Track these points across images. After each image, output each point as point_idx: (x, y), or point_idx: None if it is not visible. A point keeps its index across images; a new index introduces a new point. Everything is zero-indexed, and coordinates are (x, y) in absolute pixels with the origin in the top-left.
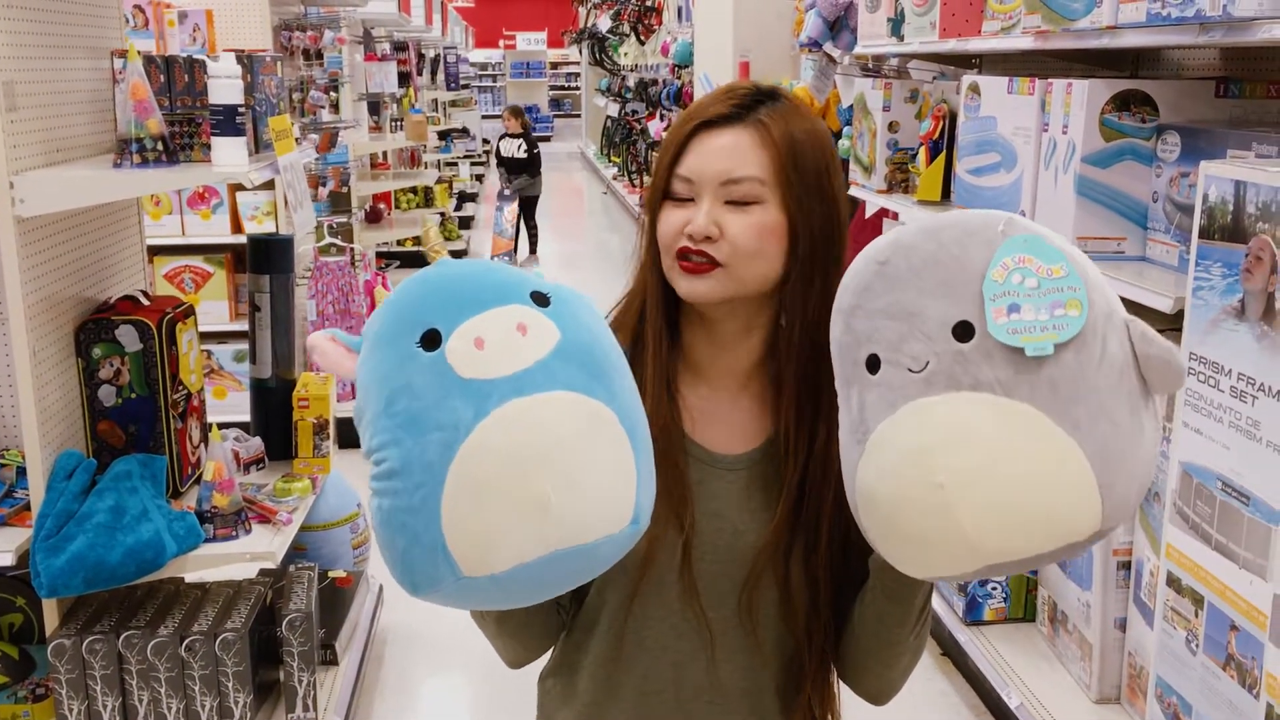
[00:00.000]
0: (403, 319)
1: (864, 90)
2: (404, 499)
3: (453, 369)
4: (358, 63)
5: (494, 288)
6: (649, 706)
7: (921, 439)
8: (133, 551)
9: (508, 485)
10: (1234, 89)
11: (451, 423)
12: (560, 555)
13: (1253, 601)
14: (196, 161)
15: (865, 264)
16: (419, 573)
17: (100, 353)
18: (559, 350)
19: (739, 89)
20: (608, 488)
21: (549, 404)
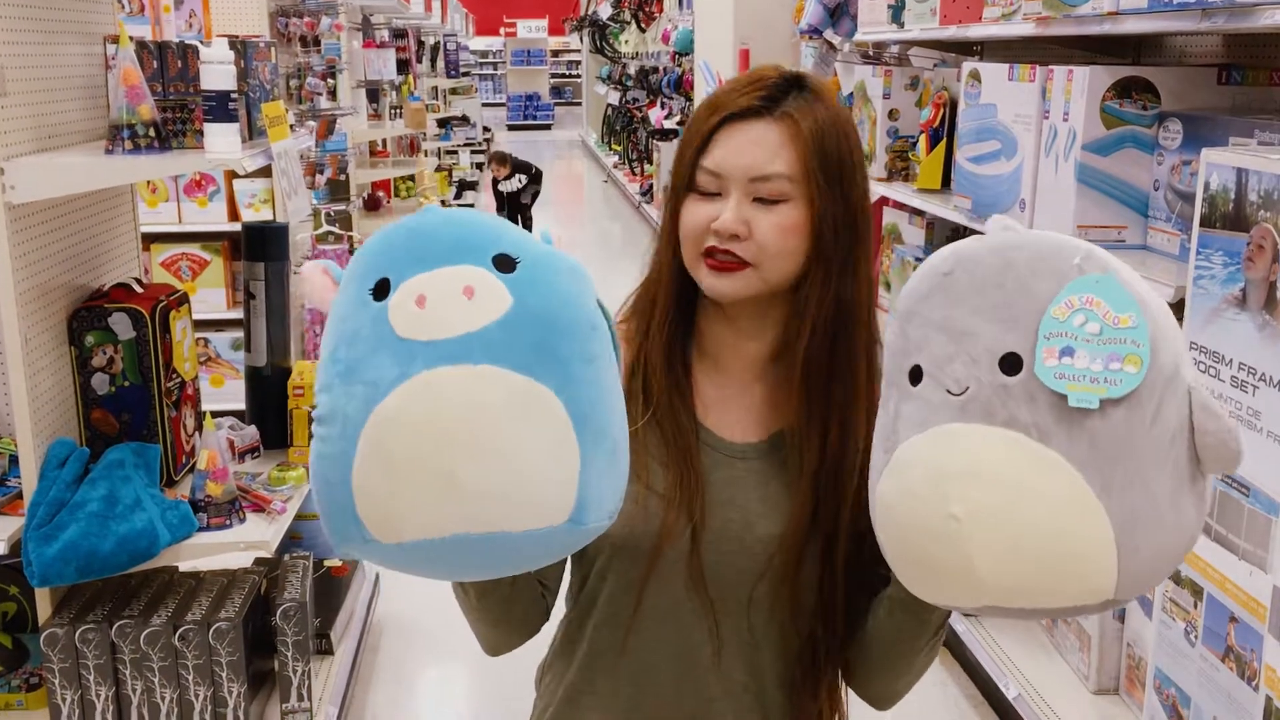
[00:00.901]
0: (366, 263)
1: (864, 78)
2: (326, 447)
3: (390, 324)
4: (356, 49)
5: (454, 243)
6: (648, 696)
7: (945, 465)
8: (126, 540)
9: (416, 455)
10: (1236, 76)
11: (375, 379)
12: (474, 539)
13: (1252, 593)
14: (189, 148)
15: (929, 271)
16: (334, 527)
17: (93, 341)
18: (506, 321)
19: (766, 78)
20: (534, 476)
21: (476, 377)
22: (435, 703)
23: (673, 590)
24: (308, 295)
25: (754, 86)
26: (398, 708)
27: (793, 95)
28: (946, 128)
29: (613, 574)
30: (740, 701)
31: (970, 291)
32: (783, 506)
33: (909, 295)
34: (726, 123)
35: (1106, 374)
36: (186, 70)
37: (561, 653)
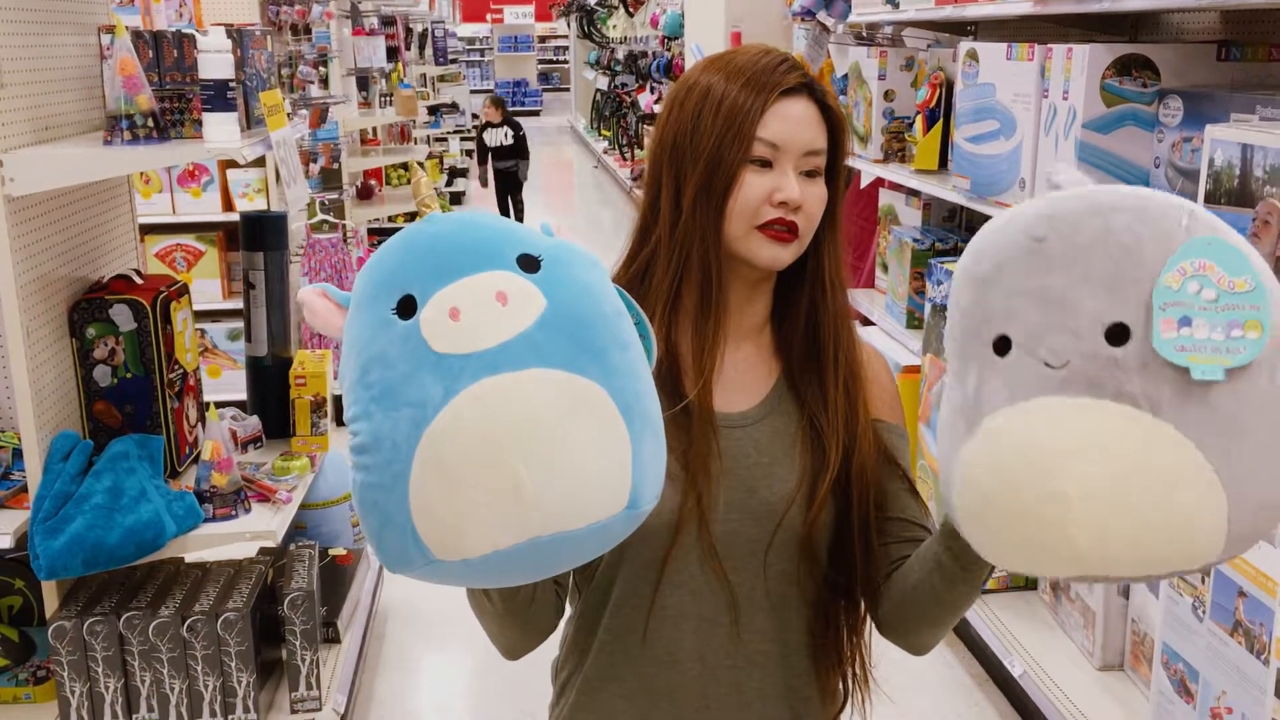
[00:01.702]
0: (382, 281)
1: (859, 59)
2: (375, 475)
3: (425, 341)
4: (346, 37)
5: (476, 250)
6: (670, 678)
7: (1047, 440)
8: (132, 532)
9: (478, 470)
10: (1235, 52)
11: (420, 400)
12: (543, 542)
13: (1261, 568)
14: (188, 138)
15: (1014, 234)
16: (392, 553)
17: (94, 333)
18: (543, 321)
19: (785, 58)
20: (595, 471)
21: (526, 382)
22: (441, 688)
23: (688, 568)
24: (310, 322)
25: (787, 65)
26: (405, 694)
27: (808, 76)
28: (943, 108)
29: (627, 561)
30: (763, 670)
31: (1068, 259)
32: (787, 466)
33: (986, 258)
34: (781, 97)
35: (1228, 343)
36: (182, 60)
37: (576, 645)
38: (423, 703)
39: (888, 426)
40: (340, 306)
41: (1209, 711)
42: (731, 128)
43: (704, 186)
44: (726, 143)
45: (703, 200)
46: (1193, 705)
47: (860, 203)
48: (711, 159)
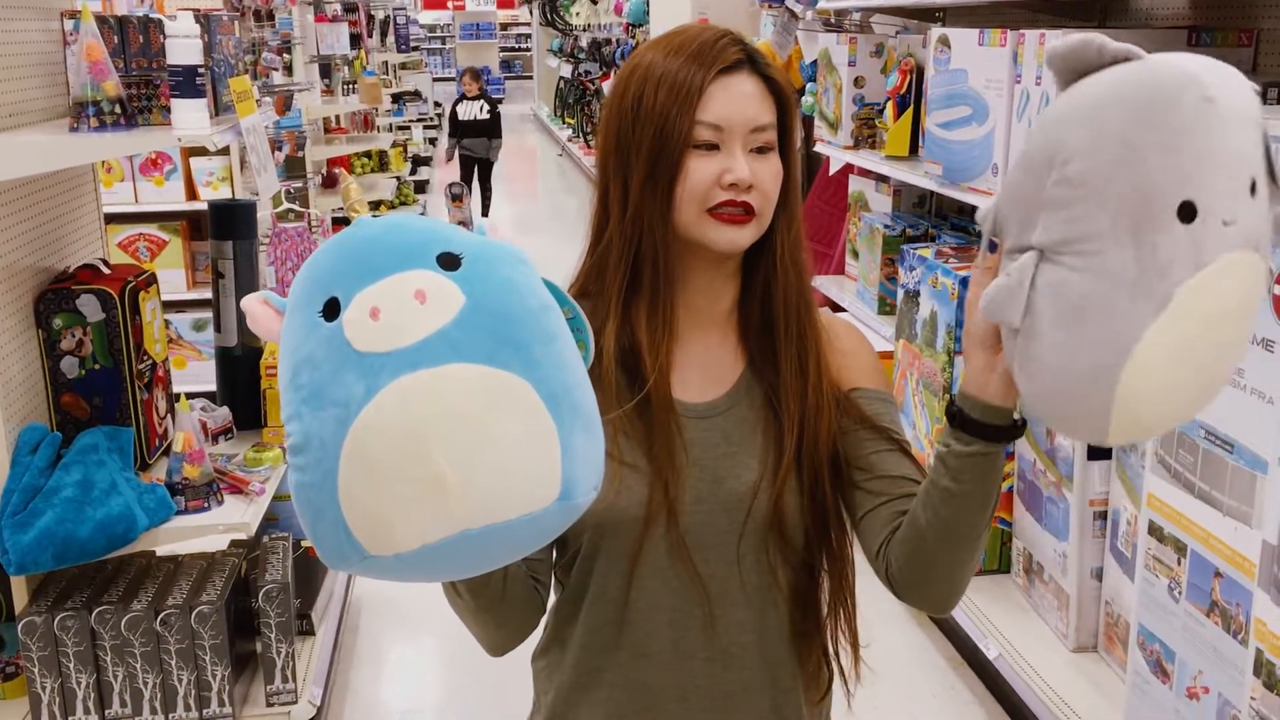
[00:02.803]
0: (310, 285)
1: (828, 46)
2: (308, 475)
3: (348, 341)
4: (309, 24)
5: (396, 251)
6: (646, 671)
7: (1230, 298)
8: (103, 525)
9: (400, 465)
10: (1205, 37)
11: (344, 399)
12: (473, 535)
13: (1237, 548)
14: (156, 125)
15: (1180, 98)
16: (329, 549)
17: (61, 323)
18: (462, 318)
19: (724, 33)
20: (519, 462)
21: (444, 377)
22: (416, 679)
23: (659, 561)
24: (252, 329)
25: (726, 41)
26: (380, 685)
27: (749, 50)
28: (914, 94)
29: (601, 555)
30: (741, 662)
31: (1235, 119)
32: (753, 453)
33: (1168, 128)
34: (719, 76)
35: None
36: (149, 45)
37: (556, 638)
38: (398, 694)
39: (868, 393)
40: (279, 312)
41: (1185, 691)
42: (671, 114)
43: (649, 176)
44: (667, 130)
45: (649, 190)
46: (1169, 685)
47: (830, 189)
48: (654, 148)
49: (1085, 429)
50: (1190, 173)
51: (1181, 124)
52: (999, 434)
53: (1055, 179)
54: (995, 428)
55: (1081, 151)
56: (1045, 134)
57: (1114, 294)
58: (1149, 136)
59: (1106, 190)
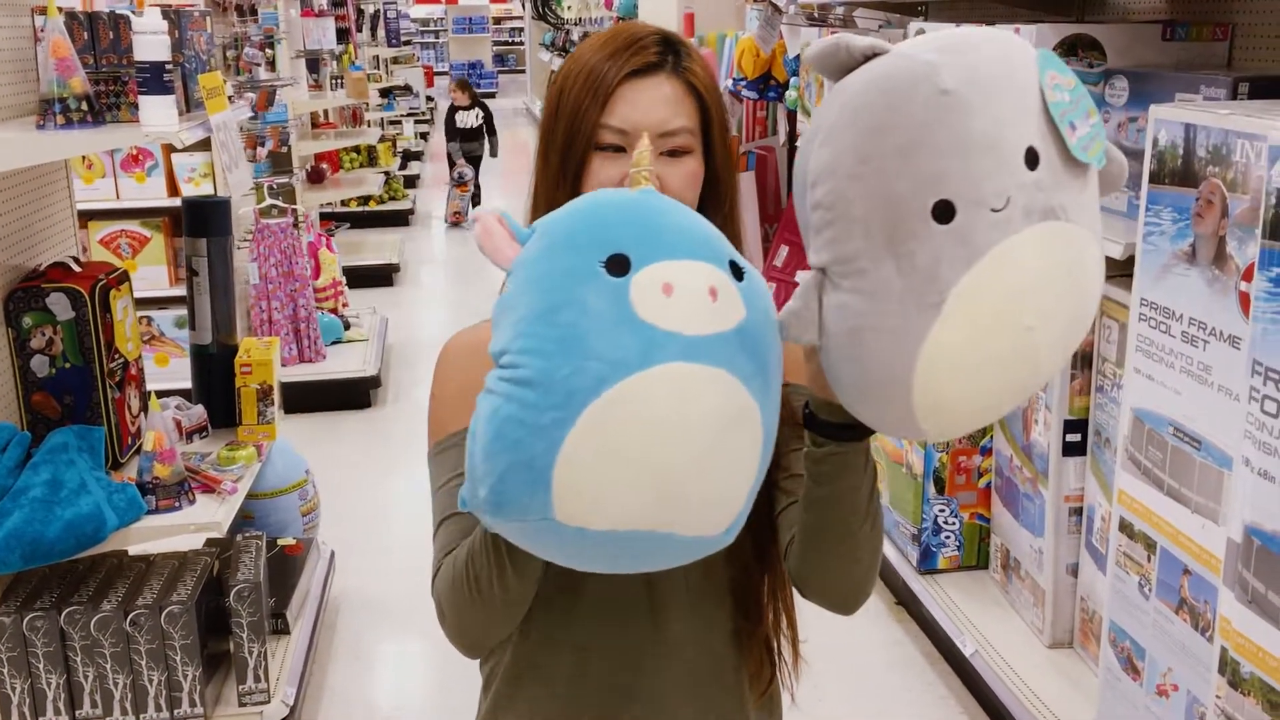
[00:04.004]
0: (593, 231)
1: (810, 40)
2: (530, 414)
3: (632, 305)
4: (294, 18)
5: (698, 239)
6: (590, 667)
7: (1014, 282)
8: (72, 525)
9: (644, 449)
10: (1180, 32)
11: (615, 358)
12: (652, 536)
13: (1205, 545)
14: (124, 121)
15: (912, 94)
16: (510, 496)
17: (31, 322)
18: (741, 330)
19: (646, 34)
20: (726, 488)
21: (712, 381)
22: (394, 678)
23: None
24: (481, 242)
25: (646, 41)
26: (357, 685)
27: (675, 50)
28: None
29: None
30: (685, 653)
31: (978, 101)
32: None
33: (897, 130)
34: (626, 79)
35: (1092, 130)
36: (119, 41)
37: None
38: (375, 692)
39: (796, 389)
40: (514, 239)
41: (1155, 688)
42: (580, 115)
43: (560, 174)
44: (576, 130)
45: (560, 188)
46: (1139, 682)
47: None
48: (564, 146)
49: (905, 432)
50: (938, 171)
51: (918, 123)
52: (847, 433)
53: (810, 202)
54: (842, 427)
55: (824, 172)
56: (801, 152)
57: (885, 310)
58: (884, 144)
59: (851, 210)
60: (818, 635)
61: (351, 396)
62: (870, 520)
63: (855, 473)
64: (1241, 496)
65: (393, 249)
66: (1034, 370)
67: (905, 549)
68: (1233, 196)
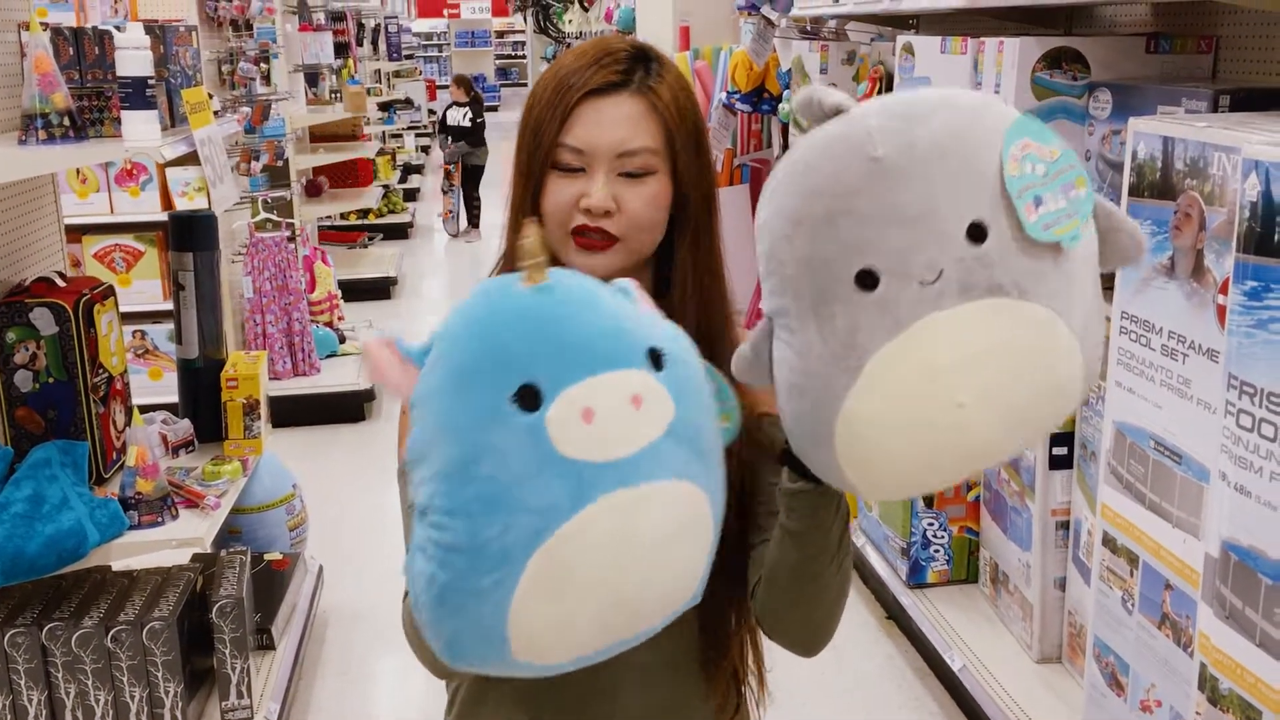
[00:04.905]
0: (495, 357)
1: (801, 53)
2: (469, 581)
3: (552, 442)
4: (291, 33)
5: (611, 340)
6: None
7: (943, 358)
8: (53, 541)
9: (597, 583)
10: (1164, 44)
11: (545, 506)
12: (626, 641)
13: (1186, 560)
14: (107, 136)
15: (846, 161)
16: (465, 651)
17: (14, 337)
18: (671, 430)
19: (616, 50)
20: (686, 577)
21: (656, 496)
22: (381, 694)
23: None
24: (371, 375)
25: (609, 59)
26: (343, 700)
27: (646, 67)
28: None
29: None
30: (650, 677)
31: (913, 170)
32: None
33: (824, 195)
34: (587, 98)
35: (1071, 205)
36: (104, 57)
37: None
38: (361, 707)
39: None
40: (408, 362)
41: (1139, 704)
42: (540, 133)
43: (523, 190)
44: (536, 147)
45: (522, 204)
46: (1123, 698)
47: None
48: (525, 166)
49: (844, 487)
50: (864, 239)
51: (848, 190)
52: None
53: (757, 252)
54: None
55: (763, 228)
56: (760, 205)
57: (811, 368)
58: (815, 208)
59: (783, 269)
60: None
61: (345, 410)
62: (837, 563)
63: (826, 512)
64: (1219, 511)
65: (390, 262)
66: (970, 448)
67: (895, 563)
68: (1210, 209)
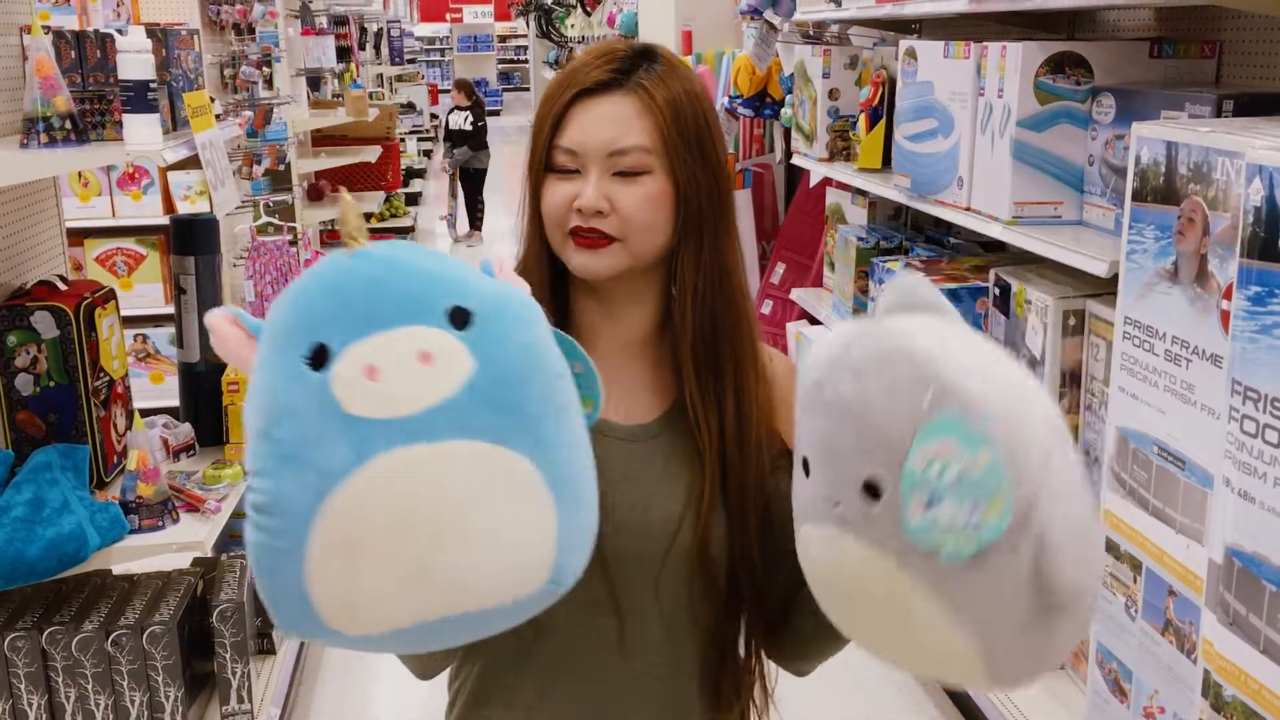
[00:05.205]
0: (297, 322)
1: (804, 58)
2: (271, 538)
3: (336, 401)
4: (294, 37)
5: (402, 299)
6: (555, 689)
7: (824, 574)
8: (53, 545)
9: (383, 549)
10: (1168, 49)
11: (326, 467)
12: (452, 619)
13: (1189, 566)
14: (109, 140)
15: (804, 376)
16: (284, 618)
17: (15, 340)
18: (471, 386)
19: (616, 51)
20: (513, 551)
21: (444, 456)
22: (381, 698)
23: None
24: (218, 350)
25: (604, 60)
26: (344, 705)
27: (644, 67)
28: (886, 106)
29: None
30: (651, 690)
31: (836, 412)
32: (681, 482)
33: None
34: (579, 99)
35: (972, 523)
36: (106, 60)
37: (469, 654)
38: (363, 713)
39: None
40: (250, 335)
41: (1142, 711)
42: (537, 137)
43: (529, 193)
44: (534, 150)
45: (530, 209)
46: (1126, 705)
47: (811, 201)
48: (528, 168)
49: None
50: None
51: (812, 384)
52: None
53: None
54: None
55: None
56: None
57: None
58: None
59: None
60: None
61: None
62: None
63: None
64: (1222, 517)
65: None
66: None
67: None
68: (1214, 214)
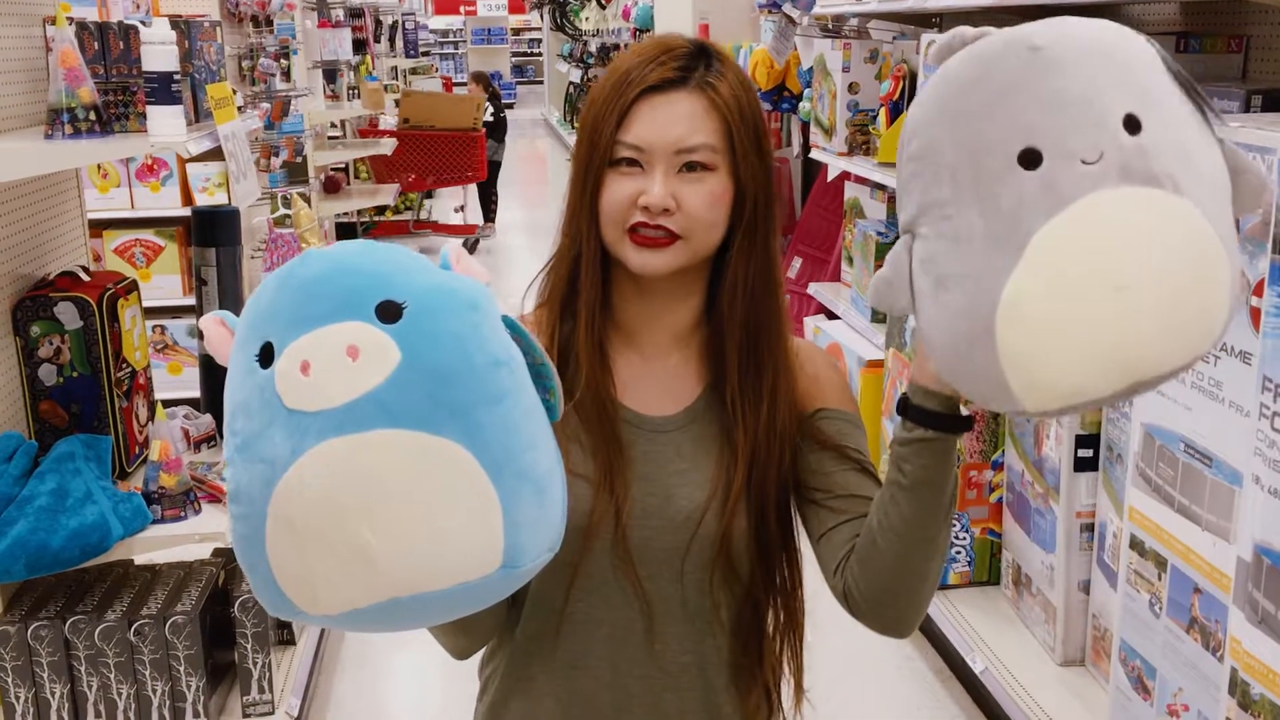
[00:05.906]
0: (252, 323)
1: (824, 51)
2: (241, 527)
3: (279, 395)
4: (310, 29)
5: (334, 297)
6: (581, 684)
7: (1101, 236)
8: (77, 535)
9: (323, 534)
10: (1194, 44)
11: (271, 457)
12: (405, 601)
13: (1215, 564)
14: (132, 131)
15: (1006, 53)
16: (264, 598)
17: (39, 331)
18: (395, 379)
19: (675, 47)
20: (453, 534)
21: (369, 445)
22: (401, 688)
23: (600, 572)
24: (209, 349)
25: (668, 57)
26: (363, 695)
27: (705, 64)
28: (907, 100)
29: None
30: (679, 681)
31: (1073, 62)
32: (706, 473)
33: (987, 84)
34: (644, 96)
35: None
36: (129, 52)
37: (499, 644)
38: (381, 702)
39: (832, 413)
40: (233, 334)
41: (1166, 708)
42: (598, 130)
43: (581, 188)
44: (594, 145)
45: (581, 202)
46: (1150, 702)
47: (828, 195)
48: (584, 160)
49: (995, 399)
50: (1027, 121)
51: (1007, 78)
52: (940, 421)
53: (905, 157)
54: (936, 415)
55: (918, 128)
56: (911, 114)
57: (969, 254)
58: (973, 99)
59: (941, 157)
60: (828, 650)
61: None
62: (947, 521)
63: (943, 465)
64: (1251, 514)
65: None
66: (1127, 342)
67: None
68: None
